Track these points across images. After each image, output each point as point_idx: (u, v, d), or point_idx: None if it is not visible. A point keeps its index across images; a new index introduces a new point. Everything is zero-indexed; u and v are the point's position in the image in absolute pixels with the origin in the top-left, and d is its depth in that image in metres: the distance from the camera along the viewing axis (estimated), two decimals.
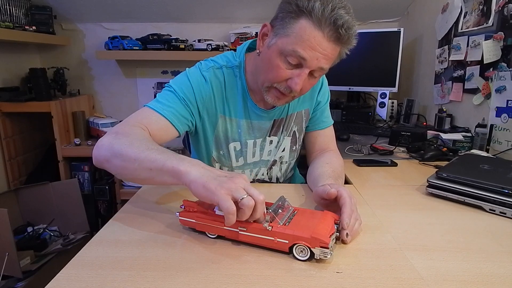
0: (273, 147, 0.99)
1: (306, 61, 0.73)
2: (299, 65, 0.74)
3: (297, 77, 0.75)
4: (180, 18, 2.24)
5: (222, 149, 0.95)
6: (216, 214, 0.63)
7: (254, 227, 0.59)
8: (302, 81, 0.75)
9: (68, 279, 0.53)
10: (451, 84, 1.61)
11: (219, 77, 0.88)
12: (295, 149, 1.04)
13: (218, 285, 0.51)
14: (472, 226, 0.71)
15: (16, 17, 1.92)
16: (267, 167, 1.01)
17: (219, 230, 0.63)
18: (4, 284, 1.37)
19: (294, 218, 0.62)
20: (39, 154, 2.19)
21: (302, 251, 0.57)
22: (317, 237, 0.55)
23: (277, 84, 0.78)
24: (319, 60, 0.73)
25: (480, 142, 1.27)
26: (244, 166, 0.98)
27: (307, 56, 0.72)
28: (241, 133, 0.93)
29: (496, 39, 1.31)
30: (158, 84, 2.40)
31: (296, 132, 1.01)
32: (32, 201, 1.77)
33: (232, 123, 0.92)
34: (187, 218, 0.65)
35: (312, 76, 0.78)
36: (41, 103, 1.89)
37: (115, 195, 2.10)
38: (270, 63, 0.76)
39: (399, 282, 0.52)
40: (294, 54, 0.72)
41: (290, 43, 0.72)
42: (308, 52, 0.71)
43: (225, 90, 0.89)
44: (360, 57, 2.01)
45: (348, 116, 1.93)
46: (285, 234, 0.57)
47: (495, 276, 0.54)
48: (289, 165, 1.07)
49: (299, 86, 0.75)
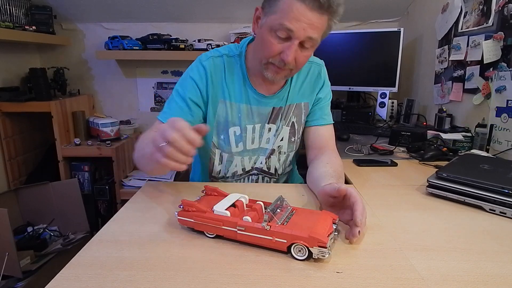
0: (271, 135, 1.02)
1: (293, 32, 0.78)
2: (289, 38, 0.80)
3: (287, 49, 0.80)
4: (180, 18, 2.24)
5: (222, 134, 0.98)
6: (214, 213, 0.63)
7: (252, 226, 0.60)
8: (292, 52, 0.80)
9: (68, 279, 0.53)
10: (451, 84, 1.61)
11: (218, 65, 0.94)
12: (293, 141, 1.05)
13: (218, 285, 0.51)
14: (472, 226, 0.71)
15: (16, 17, 1.92)
16: (265, 156, 1.03)
17: (217, 230, 0.63)
18: (4, 284, 1.37)
19: (293, 218, 0.63)
20: (39, 154, 2.19)
21: (300, 251, 0.57)
22: (315, 237, 0.55)
23: (272, 59, 0.84)
24: (305, 30, 0.78)
25: (480, 142, 1.27)
26: (243, 152, 1.01)
27: (293, 27, 0.77)
28: (241, 117, 0.97)
29: (496, 39, 1.31)
30: (158, 84, 2.41)
31: (295, 123, 1.03)
32: (32, 201, 1.77)
33: (232, 107, 0.96)
34: (186, 217, 0.65)
35: (303, 48, 0.83)
36: (41, 103, 1.89)
37: (115, 195, 2.10)
38: (263, 41, 0.83)
39: (399, 282, 0.52)
40: (281, 27, 0.78)
41: (277, 18, 0.78)
42: (294, 23, 0.77)
43: (225, 76, 0.94)
44: (360, 57, 2.01)
45: (348, 116, 1.93)
46: (283, 234, 0.58)
47: (495, 276, 0.54)
48: (288, 157, 1.08)
49: (290, 57, 0.81)
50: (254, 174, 1.06)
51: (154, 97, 2.43)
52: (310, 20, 0.77)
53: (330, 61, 2.14)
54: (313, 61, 1.05)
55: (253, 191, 0.69)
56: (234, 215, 0.63)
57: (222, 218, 0.62)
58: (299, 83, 1.02)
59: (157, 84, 2.41)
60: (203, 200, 0.71)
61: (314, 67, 1.04)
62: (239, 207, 0.66)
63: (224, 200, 0.67)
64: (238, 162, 1.03)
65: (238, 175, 1.06)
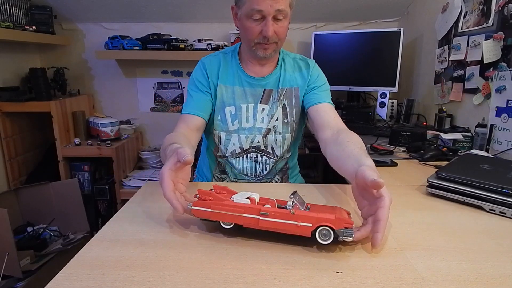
0: (265, 115, 1.10)
1: (263, 11, 0.93)
2: (263, 17, 0.95)
3: (265, 26, 0.95)
4: (180, 18, 2.24)
5: (219, 114, 1.09)
6: (234, 202, 0.63)
7: (276, 211, 0.60)
8: (270, 27, 0.95)
9: (68, 279, 0.53)
10: (451, 84, 1.61)
11: (216, 60, 1.11)
12: (287, 122, 1.11)
13: (218, 285, 0.51)
14: (472, 226, 0.71)
15: (16, 17, 1.92)
16: (261, 135, 1.10)
17: (237, 218, 0.62)
18: (4, 284, 1.37)
19: (312, 208, 0.64)
20: (39, 154, 2.19)
21: (325, 235, 0.58)
22: (342, 218, 0.57)
23: (256, 39, 0.99)
24: (272, 6, 0.92)
25: (480, 142, 1.27)
26: (239, 130, 1.10)
27: (262, 7, 0.92)
28: (235, 97, 1.09)
29: (496, 39, 1.31)
30: (158, 84, 2.41)
31: (286, 105, 1.11)
32: (32, 201, 1.77)
33: (227, 89, 1.09)
34: (202, 207, 0.64)
35: (278, 20, 0.96)
36: (41, 103, 1.89)
37: (115, 195, 2.10)
38: (245, 28, 0.99)
39: (399, 282, 0.52)
40: (253, 11, 0.93)
41: (248, 6, 0.94)
42: (261, 4, 0.92)
43: (221, 67, 1.10)
44: (360, 57, 2.01)
45: (348, 116, 1.93)
46: (309, 217, 0.58)
47: (495, 276, 0.54)
48: (284, 138, 1.12)
49: (270, 32, 0.95)
50: (252, 152, 1.11)
51: (154, 97, 2.43)
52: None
53: (330, 61, 2.17)
54: (305, 58, 1.16)
55: (259, 191, 0.69)
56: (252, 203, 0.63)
57: (244, 205, 0.62)
58: (290, 70, 1.12)
59: (157, 84, 2.41)
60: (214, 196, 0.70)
61: (306, 61, 1.14)
62: (252, 201, 0.65)
63: (237, 194, 0.67)
64: (236, 140, 1.10)
65: (236, 154, 1.11)
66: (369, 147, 1.33)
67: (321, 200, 0.83)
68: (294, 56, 1.15)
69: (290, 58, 1.14)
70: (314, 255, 0.59)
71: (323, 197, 0.86)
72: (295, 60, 1.13)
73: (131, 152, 2.28)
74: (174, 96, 2.43)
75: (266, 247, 0.61)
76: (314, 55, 2.09)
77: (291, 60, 1.13)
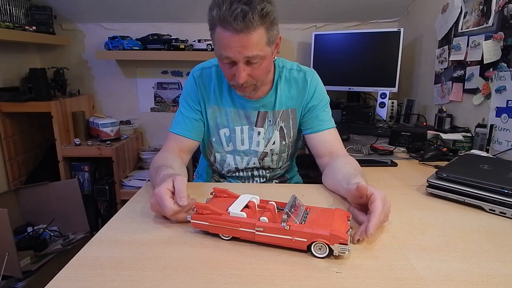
0: (261, 139, 1.06)
1: (232, 58, 0.84)
2: (233, 62, 0.85)
3: (236, 72, 0.86)
4: (180, 18, 2.24)
5: (214, 136, 1.06)
6: (230, 215, 0.62)
7: (271, 227, 0.59)
8: (241, 74, 0.85)
9: (68, 279, 0.53)
10: (451, 84, 1.61)
11: (208, 75, 1.03)
12: (284, 144, 1.08)
13: (218, 285, 0.51)
14: (472, 226, 0.71)
15: (16, 17, 1.92)
16: (258, 158, 1.08)
17: (234, 232, 0.62)
18: (4, 284, 1.37)
19: (309, 216, 0.63)
20: (39, 154, 2.19)
21: (320, 249, 0.58)
22: (336, 234, 0.56)
23: (232, 81, 0.91)
24: (241, 53, 0.82)
25: (480, 142, 1.27)
26: (234, 152, 1.07)
27: (229, 54, 0.83)
28: (229, 120, 1.04)
29: (496, 39, 1.31)
30: (158, 84, 2.41)
31: (283, 128, 1.06)
32: (32, 201, 1.77)
33: (220, 111, 1.04)
34: (200, 221, 0.64)
35: (252, 63, 0.86)
36: (41, 103, 1.89)
37: (115, 195, 2.10)
38: (221, 68, 0.93)
39: (399, 282, 0.52)
40: (222, 57, 0.85)
41: (217, 50, 0.86)
42: (228, 51, 0.82)
43: (213, 85, 1.03)
44: (360, 57, 2.01)
45: (348, 116, 1.93)
46: (303, 233, 0.58)
47: (495, 276, 0.54)
48: (281, 157, 1.11)
49: (241, 79, 0.86)
50: (249, 170, 1.11)
51: (154, 97, 2.43)
52: (241, 42, 0.80)
53: (330, 61, 2.17)
54: (303, 69, 1.05)
55: (259, 191, 0.69)
56: (249, 216, 0.63)
57: (239, 219, 0.61)
58: (286, 90, 1.03)
59: (157, 84, 2.41)
60: (213, 202, 0.69)
61: (303, 74, 1.04)
62: (251, 208, 0.65)
63: (236, 201, 0.66)
64: (231, 160, 1.08)
65: (232, 171, 1.11)
66: (369, 147, 1.33)
67: (320, 200, 0.83)
68: (291, 66, 1.04)
69: (286, 71, 1.03)
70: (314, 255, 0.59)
71: (323, 197, 0.86)
72: (291, 73, 1.03)
73: (131, 152, 2.28)
74: (174, 96, 2.43)
75: (266, 247, 0.61)
76: (314, 55, 2.09)
77: (288, 74, 1.03)
